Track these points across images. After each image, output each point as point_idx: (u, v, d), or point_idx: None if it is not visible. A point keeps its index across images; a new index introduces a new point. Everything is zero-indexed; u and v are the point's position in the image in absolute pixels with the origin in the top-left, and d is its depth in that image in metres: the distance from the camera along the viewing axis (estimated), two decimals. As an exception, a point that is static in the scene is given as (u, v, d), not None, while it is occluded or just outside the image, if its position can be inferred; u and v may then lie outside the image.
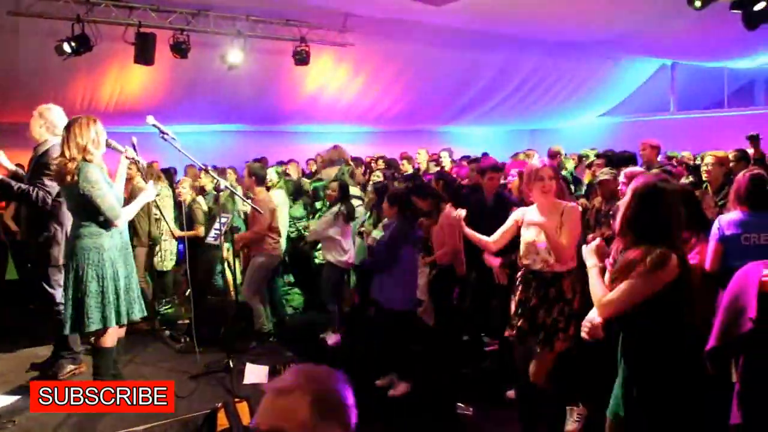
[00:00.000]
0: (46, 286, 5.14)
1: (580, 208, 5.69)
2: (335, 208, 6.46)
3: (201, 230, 6.92)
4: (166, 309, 7.43)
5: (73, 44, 8.51)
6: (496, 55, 13.09)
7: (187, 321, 6.15)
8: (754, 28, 9.82)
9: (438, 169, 9.20)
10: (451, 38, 11.44)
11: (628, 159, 6.50)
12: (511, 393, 4.98)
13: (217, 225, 6.06)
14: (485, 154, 11.35)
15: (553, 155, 8.99)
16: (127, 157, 4.59)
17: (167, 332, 6.44)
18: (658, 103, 16.94)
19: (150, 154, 6.80)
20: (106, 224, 4.26)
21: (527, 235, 4.17)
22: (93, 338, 4.43)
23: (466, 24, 10.58)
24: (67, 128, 4.23)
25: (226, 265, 6.89)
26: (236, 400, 4.18)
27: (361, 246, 6.95)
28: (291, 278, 8.49)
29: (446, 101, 14.71)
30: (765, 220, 4.00)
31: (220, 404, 4.15)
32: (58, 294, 4.94)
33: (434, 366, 5.50)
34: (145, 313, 4.65)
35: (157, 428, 4.27)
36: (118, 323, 4.33)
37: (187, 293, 6.29)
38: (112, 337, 4.42)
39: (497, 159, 10.90)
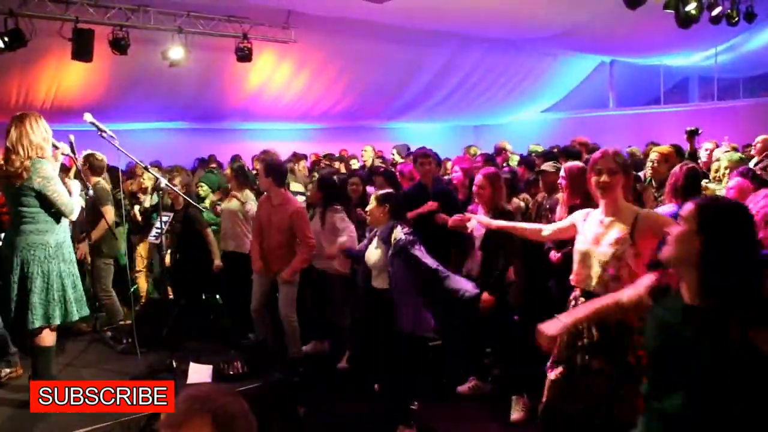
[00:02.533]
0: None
1: (522, 204, 5.86)
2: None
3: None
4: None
5: (6, 39, 8.26)
6: (439, 52, 13.23)
7: (128, 322, 6.05)
8: (686, 27, 10.23)
9: (383, 165, 9.24)
10: (394, 35, 11.52)
11: (575, 155, 6.57)
12: (462, 388, 5.10)
13: (158, 224, 5.97)
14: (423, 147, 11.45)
15: (498, 151, 9.12)
16: (63, 153, 4.53)
17: (108, 333, 6.32)
18: (598, 99, 17.44)
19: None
20: (53, 221, 4.19)
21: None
22: (30, 338, 4.34)
23: (408, 21, 10.68)
24: (16, 126, 4.13)
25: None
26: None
27: None
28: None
29: (390, 98, 14.78)
30: None
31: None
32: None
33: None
34: (88, 312, 4.60)
35: (98, 430, 4.21)
36: (63, 321, 4.27)
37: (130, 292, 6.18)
38: (51, 337, 4.36)
39: (442, 154, 11.19)
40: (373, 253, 4.50)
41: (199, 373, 5.26)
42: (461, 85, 15.04)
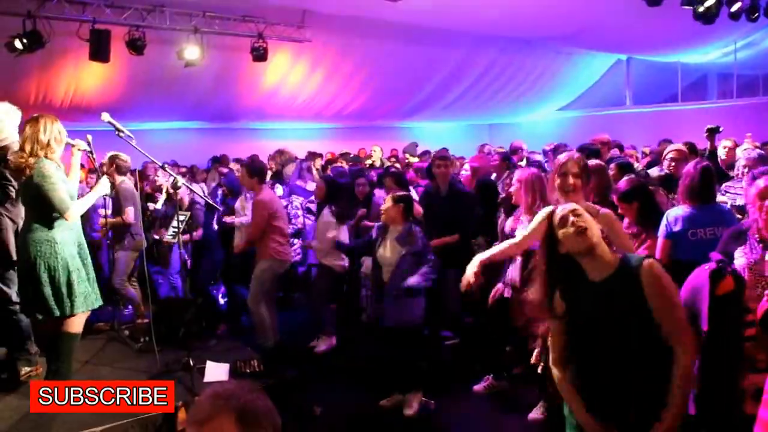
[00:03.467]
0: (1, 285, 5.05)
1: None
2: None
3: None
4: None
5: (24, 41, 8.34)
6: (453, 51, 13.20)
7: (146, 320, 6.07)
8: (707, 23, 10.12)
9: (397, 165, 9.25)
10: (409, 34, 11.51)
11: (594, 153, 6.52)
12: (478, 387, 5.08)
13: (174, 223, 6.00)
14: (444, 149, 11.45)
15: (515, 150, 9.07)
16: (79, 149, 4.59)
17: (126, 332, 6.35)
18: (615, 97, 17.26)
19: (106, 153, 6.70)
20: (58, 219, 4.27)
21: None
22: (57, 325, 4.43)
23: (422, 20, 10.65)
24: (30, 125, 4.23)
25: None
26: (196, 398, 4.16)
27: None
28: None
29: (404, 96, 14.77)
30: (710, 214, 4.02)
31: (180, 403, 4.13)
32: (14, 293, 4.88)
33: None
34: (101, 303, 4.65)
35: (117, 428, 4.22)
36: (71, 314, 4.34)
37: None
38: (79, 323, 4.46)
39: (457, 153, 11.17)
40: (388, 251, 4.72)
41: (216, 371, 5.26)
42: (475, 83, 14.98)
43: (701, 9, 9.96)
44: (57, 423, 4.22)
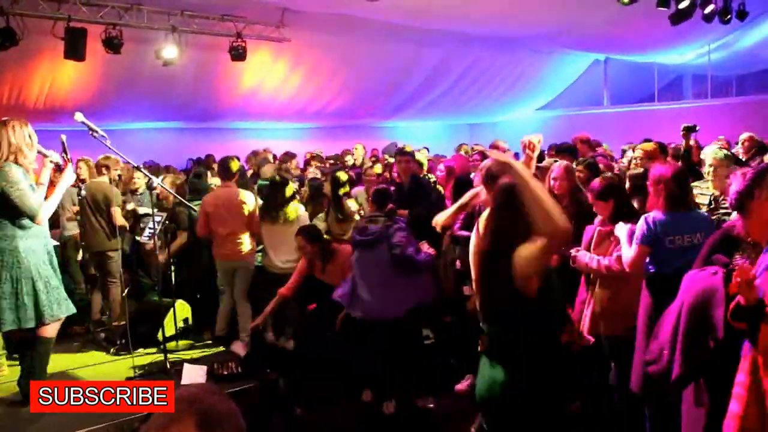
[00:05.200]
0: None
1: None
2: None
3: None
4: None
5: (-4, 38, 8.20)
6: (434, 50, 13.22)
7: (123, 323, 6.02)
8: (677, 23, 10.27)
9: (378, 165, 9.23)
10: (389, 33, 11.49)
11: (570, 151, 6.58)
12: (459, 386, 5.08)
13: (150, 224, 5.93)
14: (425, 148, 11.49)
15: (493, 149, 9.09)
16: (51, 162, 4.50)
17: (102, 335, 6.30)
18: (592, 97, 17.46)
19: (81, 153, 6.62)
20: (24, 226, 4.19)
21: None
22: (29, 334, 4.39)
23: (403, 19, 10.65)
24: None
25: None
26: None
27: None
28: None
29: (385, 96, 14.76)
30: (688, 220, 3.85)
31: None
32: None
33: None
34: (74, 311, 4.59)
35: (94, 432, 4.19)
36: (36, 325, 4.28)
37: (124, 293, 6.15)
38: (52, 328, 4.43)
39: (439, 152, 11.21)
40: None
41: (194, 373, 5.23)
42: (456, 83, 15.03)
43: (674, 10, 10.11)
44: (36, 425, 4.18)
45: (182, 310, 6.45)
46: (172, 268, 6.51)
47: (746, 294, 2.64)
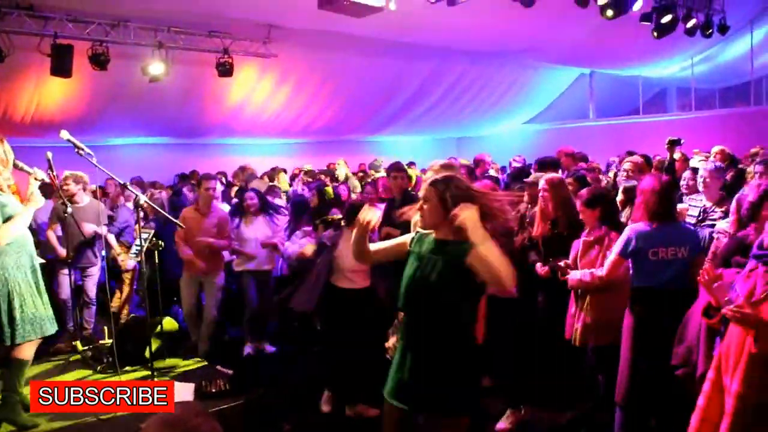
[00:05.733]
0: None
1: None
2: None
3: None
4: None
5: (-18, 55, 8.18)
6: (421, 65, 13.29)
7: (109, 340, 5.96)
8: (657, 38, 10.44)
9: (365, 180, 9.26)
10: (376, 49, 11.56)
11: (552, 164, 6.60)
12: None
13: (138, 241, 5.90)
14: (412, 163, 11.53)
15: (477, 163, 9.15)
16: (36, 179, 4.46)
17: (88, 353, 6.23)
18: (578, 110, 17.59)
19: (71, 170, 6.59)
20: None
21: None
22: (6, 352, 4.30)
23: (389, 34, 10.71)
24: None
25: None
26: (142, 426, 4.07)
27: None
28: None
29: (372, 111, 14.80)
30: (672, 233, 3.85)
31: (144, 424, 4.04)
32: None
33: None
34: (56, 328, 4.52)
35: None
36: (12, 344, 4.20)
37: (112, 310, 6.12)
38: (27, 349, 4.31)
39: (425, 167, 11.19)
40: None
41: (181, 391, 5.18)
42: (443, 97, 15.11)
43: (657, 24, 10.27)
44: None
45: (170, 326, 6.41)
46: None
47: (710, 293, 2.88)
